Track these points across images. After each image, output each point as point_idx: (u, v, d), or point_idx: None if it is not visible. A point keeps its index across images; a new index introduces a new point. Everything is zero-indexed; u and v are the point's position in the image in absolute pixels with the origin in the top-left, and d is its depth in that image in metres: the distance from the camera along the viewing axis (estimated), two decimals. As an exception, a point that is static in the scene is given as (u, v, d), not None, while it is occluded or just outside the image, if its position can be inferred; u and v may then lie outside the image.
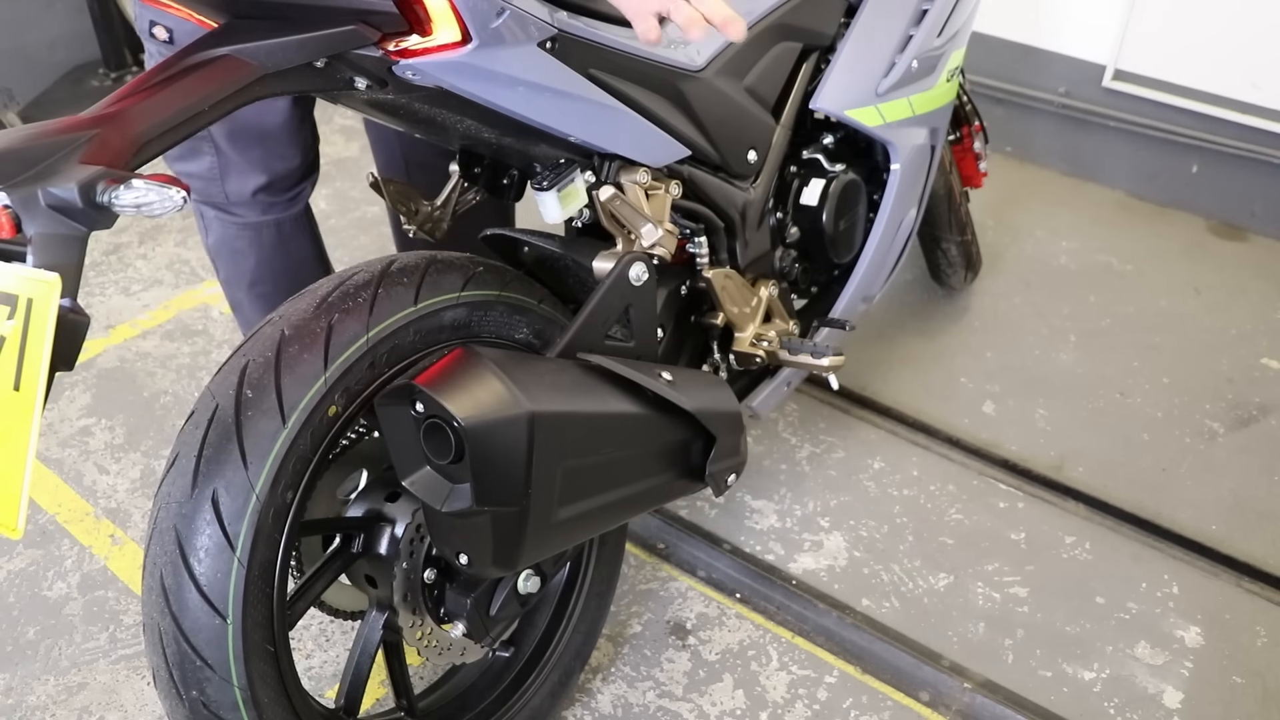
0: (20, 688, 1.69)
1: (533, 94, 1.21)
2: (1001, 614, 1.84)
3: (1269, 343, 2.51)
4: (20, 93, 3.37)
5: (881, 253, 1.89)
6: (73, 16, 3.45)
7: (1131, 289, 2.70)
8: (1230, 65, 2.82)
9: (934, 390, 2.34)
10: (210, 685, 1.12)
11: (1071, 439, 2.22)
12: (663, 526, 1.97)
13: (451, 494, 1.17)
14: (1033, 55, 3.12)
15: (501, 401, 1.14)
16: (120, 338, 2.47)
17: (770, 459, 2.15)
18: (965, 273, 2.56)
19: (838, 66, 1.69)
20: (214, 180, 1.69)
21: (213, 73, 1.05)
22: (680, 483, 1.43)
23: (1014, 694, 1.71)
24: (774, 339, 1.68)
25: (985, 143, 2.35)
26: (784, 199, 1.75)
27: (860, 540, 1.98)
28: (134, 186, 0.91)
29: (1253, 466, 2.16)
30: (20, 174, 0.90)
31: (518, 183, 1.52)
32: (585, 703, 1.69)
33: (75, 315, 0.89)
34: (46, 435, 2.18)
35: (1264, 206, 2.93)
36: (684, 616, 1.83)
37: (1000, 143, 3.22)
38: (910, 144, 1.84)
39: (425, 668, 1.70)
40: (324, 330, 1.15)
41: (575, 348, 1.31)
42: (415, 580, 1.31)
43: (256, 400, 1.11)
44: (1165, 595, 1.88)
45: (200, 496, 1.09)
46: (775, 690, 1.71)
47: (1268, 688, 1.73)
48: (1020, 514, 2.04)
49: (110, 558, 1.92)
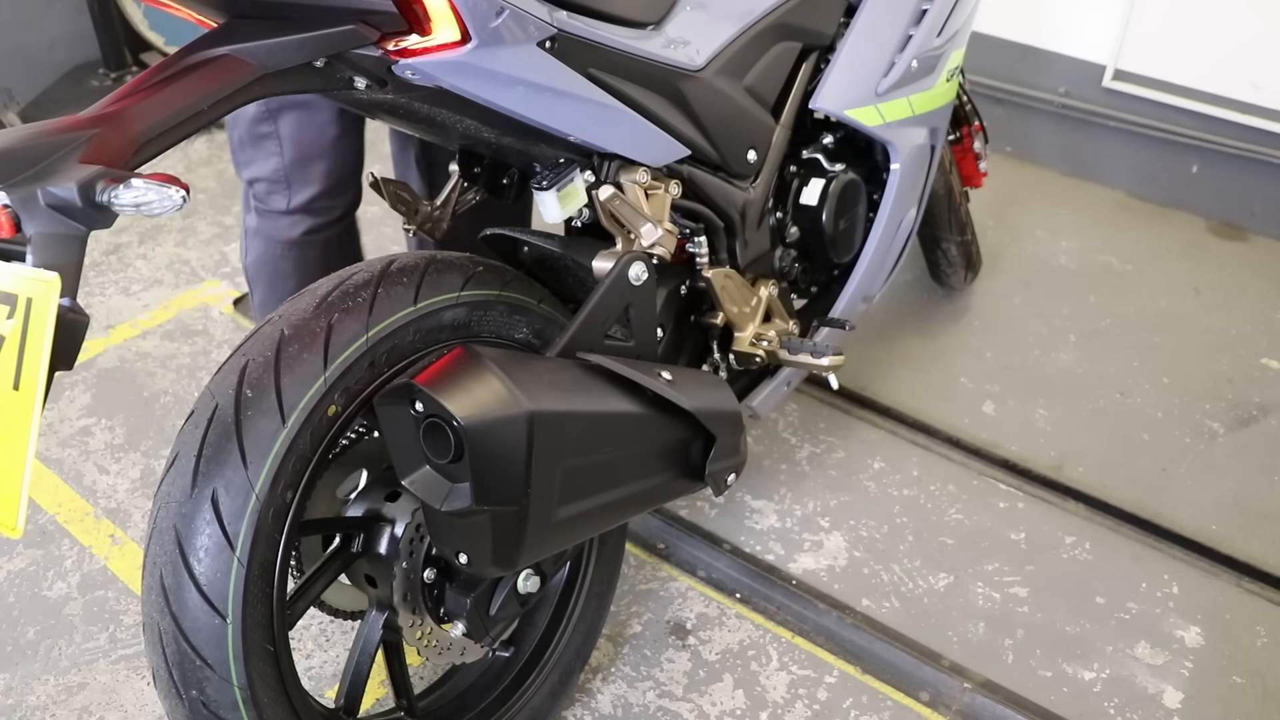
0: (20, 688, 1.69)
1: (532, 94, 1.21)
2: (1001, 614, 1.84)
3: (1269, 343, 2.51)
4: (20, 93, 3.37)
5: (881, 253, 1.89)
6: (73, 16, 3.45)
7: (1131, 289, 2.70)
8: (1230, 65, 2.82)
9: (934, 390, 2.34)
10: (210, 685, 1.12)
11: (1071, 439, 2.22)
12: (663, 526, 1.97)
13: (451, 493, 1.17)
14: (1033, 55, 3.12)
15: (501, 401, 1.14)
16: (120, 338, 2.47)
17: (770, 459, 2.14)
18: (965, 273, 2.56)
19: (837, 66, 1.69)
20: (279, 183, 1.70)
21: (212, 72, 1.05)
22: (680, 482, 1.43)
23: (1014, 694, 1.71)
24: (774, 339, 1.68)
25: (985, 143, 2.35)
26: (784, 199, 1.75)
27: (860, 540, 1.98)
28: (133, 186, 0.91)
29: (1253, 466, 2.16)
30: (20, 173, 0.90)
31: (517, 183, 1.52)
32: (585, 703, 1.69)
33: (75, 315, 0.89)
34: (46, 435, 2.18)
35: (1264, 206, 2.93)
36: (684, 616, 1.83)
37: (1000, 143, 3.22)
38: (910, 144, 1.84)
39: (425, 668, 1.70)
40: (324, 330, 1.15)
41: (575, 347, 1.31)
42: (415, 580, 1.31)
43: (256, 400, 1.11)
44: (1165, 595, 1.88)
45: (200, 496, 1.09)
46: (775, 690, 1.71)
47: (1268, 688, 1.73)
48: (1020, 514, 2.04)
49: (110, 558, 1.92)
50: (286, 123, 1.65)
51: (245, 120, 1.66)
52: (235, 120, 1.68)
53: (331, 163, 1.71)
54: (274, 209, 1.74)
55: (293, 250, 1.76)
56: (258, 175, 1.72)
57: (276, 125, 1.65)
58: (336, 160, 1.71)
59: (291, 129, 1.66)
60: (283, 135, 1.66)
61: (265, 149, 1.68)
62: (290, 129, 1.65)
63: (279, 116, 1.64)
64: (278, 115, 1.64)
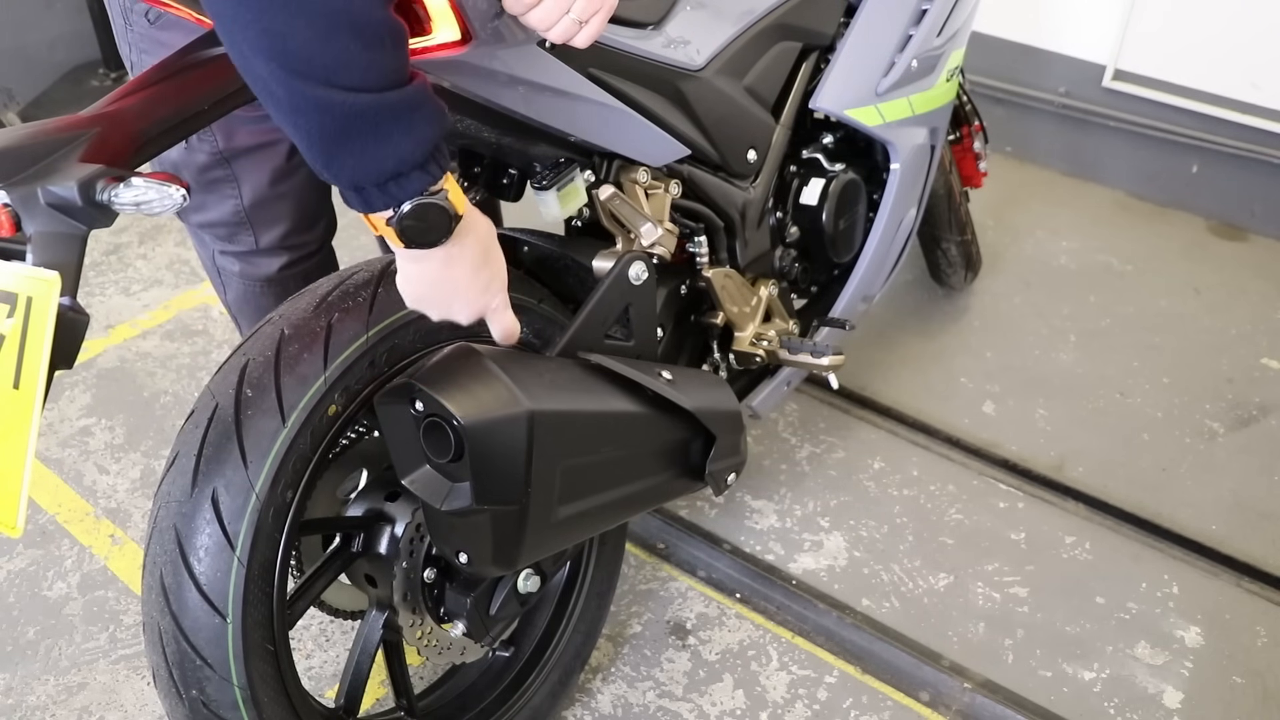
0: (20, 688, 1.69)
1: (532, 93, 1.21)
2: (1001, 614, 1.84)
3: (1269, 343, 2.51)
4: (20, 93, 3.37)
5: (881, 252, 1.89)
6: (73, 16, 3.45)
7: (1131, 289, 2.70)
8: (1230, 65, 2.82)
9: (934, 390, 2.34)
10: (210, 684, 1.12)
11: (1071, 439, 2.22)
12: (663, 526, 1.97)
13: (451, 493, 1.17)
14: (1033, 55, 3.12)
15: (501, 400, 1.14)
16: (120, 338, 2.47)
17: (770, 459, 2.14)
18: (965, 273, 2.56)
19: (837, 66, 1.69)
20: (242, 225, 1.58)
21: (212, 72, 1.05)
22: (680, 482, 1.42)
23: (1014, 694, 1.70)
24: (774, 338, 1.68)
25: (985, 143, 2.35)
26: (784, 198, 1.75)
27: (860, 540, 1.98)
28: (133, 185, 0.91)
29: (1253, 466, 2.16)
30: (20, 172, 0.90)
31: (517, 182, 1.52)
32: (585, 703, 1.69)
33: (75, 314, 0.89)
34: (46, 435, 2.18)
35: (1264, 206, 2.93)
36: (684, 616, 1.83)
37: (1000, 143, 3.22)
38: (910, 144, 1.84)
39: (425, 668, 1.70)
40: (324, 329, 1.15)
41: (575, 347, 1.31)
42: (415, 580, 1.31)
43: (256, 399, 1.11)
44: (1165, 595, 1.88)
45: (200, 496, 1.09)
46: (775, 690, 1.71)
47: (1268, 688, 1.73)
48: (1020, 514, 2.04)
49: (110, 558, 1.92)
50: (243, 165, 1.53)
51: (194, 168, 1.52)
52: (178, 168, 1.52)
53: (296, 198, 1.59)
54: (241, 249, 1.62)
55: (272, 286, 1.66)
56: (212, 220, 1.58)
57: (232, 169, 1.52)
58: (301, 194, 1.59)
59: (249, 169, 1.53)
60: (240, 177, 1.53)
61: (220, 192, 1.55)
62: (248, 169, 1.53)
63: (234, 161, 1.52)
64: (232, 160, 1.52)
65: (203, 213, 1.58)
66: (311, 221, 1.64)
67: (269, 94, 0.89)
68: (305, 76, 0.87)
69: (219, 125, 1.45)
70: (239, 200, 1.55)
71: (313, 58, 0.86)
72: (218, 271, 1.69)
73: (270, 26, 0.84)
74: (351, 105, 0.89)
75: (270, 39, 0.85)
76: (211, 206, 1.56)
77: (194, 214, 1.59)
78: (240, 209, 1.56)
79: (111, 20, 1.43)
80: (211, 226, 1.60)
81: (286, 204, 1.58)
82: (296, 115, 0.90)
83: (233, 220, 1.58)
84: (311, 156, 0.94)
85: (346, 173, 0.94)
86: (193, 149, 1.48)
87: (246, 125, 1.46)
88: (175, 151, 1.48)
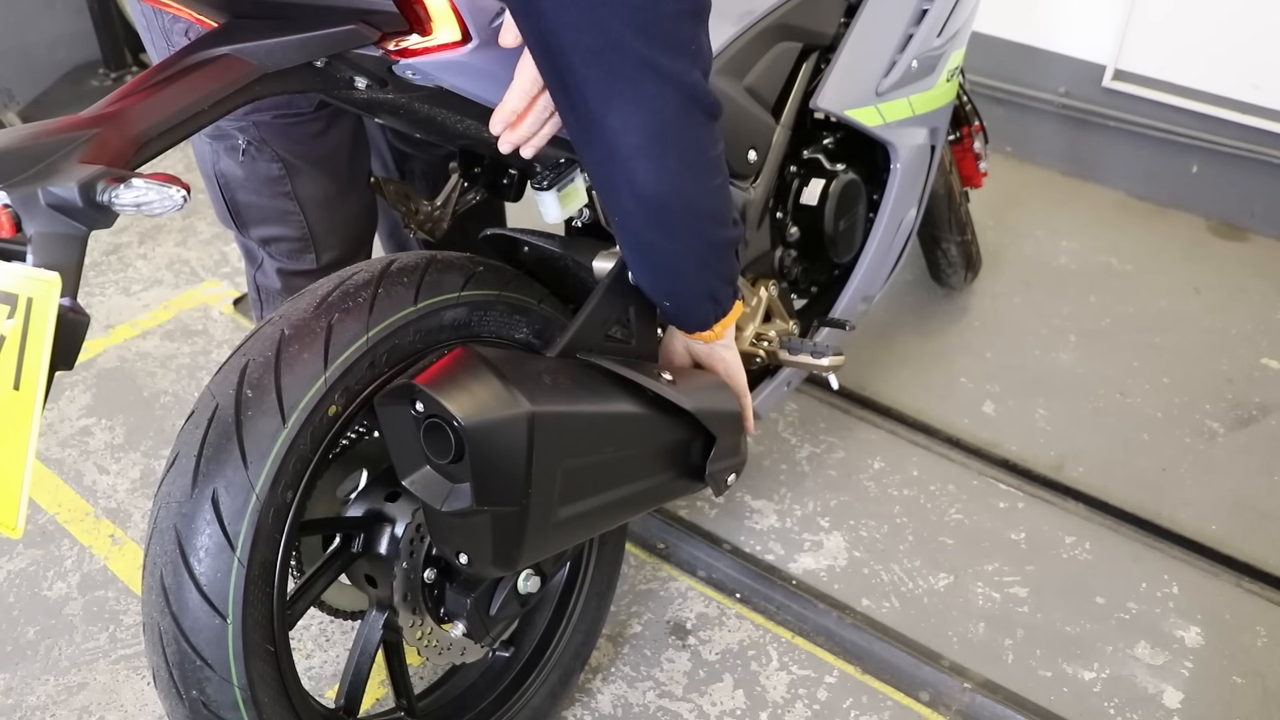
0: (20, 688, 1.69)
1: (533, 93, 1.21)
2: (1001, 614, 1.84)
3: (1269, 343, 2.51)
4: (20, 93, 3.37)
5: (881, 253, 1.89)
6: (73, 16, 3.46)
7: (1131, 289, 2.70)
8: (1230, 65, 2.82)
9: (934, 390, 2.34)
10: (210, 685, 1.12)
11: (1071, 439, 2.22)
12: (663, 526, 1.97)
13: (451, 494, 1.17)
14: (1033, 55, 3.12)
15: (501, 401, 1.14)
16: (120, 338, 2.47)
17: (770, 459, 2.14)
18: (965, 273, 2.56)
19: (838, 66, 1.69)
20: (307, 248, 1.60)
21: (213, 72, 1.05)
22: (680, 483, 1.42)
23: (1014, 694, 1.71)
24: (774, 339, 1.68)
25: (985, 143, 2.35)
26: (784, 199, 1.75)
27: (860, 540, 1.98)
28: (134, 185, 0.90)
29: (1253, 466, 2.16)
30: (20, 173, 0.90)
31: (518, 183, 1.52)
32: (585, 703, 1.69)
33: (75, 314, 0.89)
34: (46, 435, 2.18)
35: (1264, 206, 2.93)
36: (684, 616, 1.83)
37: (1000, 143, 3.22)
38: (910, 144, 1.84)
39: (425, 668, 1.70)
40: (324, 330, 1.15)
41: (575, 347, 1.30)
42: (415, 580, 1.31)
43: (256, 400, 1.11)
44: (1165, 595, 1.88)
45: (200, 496, 1.09)
46: (775, 690, 1.71)
47: (1268, 688, 1.73)
48: (1020, 514, 2.04)
49: (110, 558, 1.92)
50: (303, 184, 1.54)
51: (259, 179, 1.52)
52: (238, 182, 1.53)
53: (351, 212, 1.61)
54: (303, 268, 1.62)
55: (315, 277, 1.60)
56: (277, 235, 1.59)
57: (293, 186, 1.53)
58: (358, 207, 1.61)
59: (311, 193, 1.54)
60: (300, 196, 1.54)
61: (284, 216, 1.56)
62: (307, 191, 1.54)
63: (295, 176, 1.52)
64: (294, 175, 1.52)
65: (263, 227, 1.58)
66: (359, 246, 1.66)
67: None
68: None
69: (278, 143, 1.48)
70: (303, 223, 1.57)
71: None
72: (257, 290, 1.70)
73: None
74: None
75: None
76: (275, 222, 1.57)
77: (259, 226, 1.58)
78: (305, 231, 1.58)
79: (150, 43, 1.41)
80: (275, 241, 1.60)
81: (348, 228, 1.61)
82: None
83: (299, 240, 1.59)
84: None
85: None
86: (253, 159, 1.50)
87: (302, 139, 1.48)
88: (233, 165, 1.51)
